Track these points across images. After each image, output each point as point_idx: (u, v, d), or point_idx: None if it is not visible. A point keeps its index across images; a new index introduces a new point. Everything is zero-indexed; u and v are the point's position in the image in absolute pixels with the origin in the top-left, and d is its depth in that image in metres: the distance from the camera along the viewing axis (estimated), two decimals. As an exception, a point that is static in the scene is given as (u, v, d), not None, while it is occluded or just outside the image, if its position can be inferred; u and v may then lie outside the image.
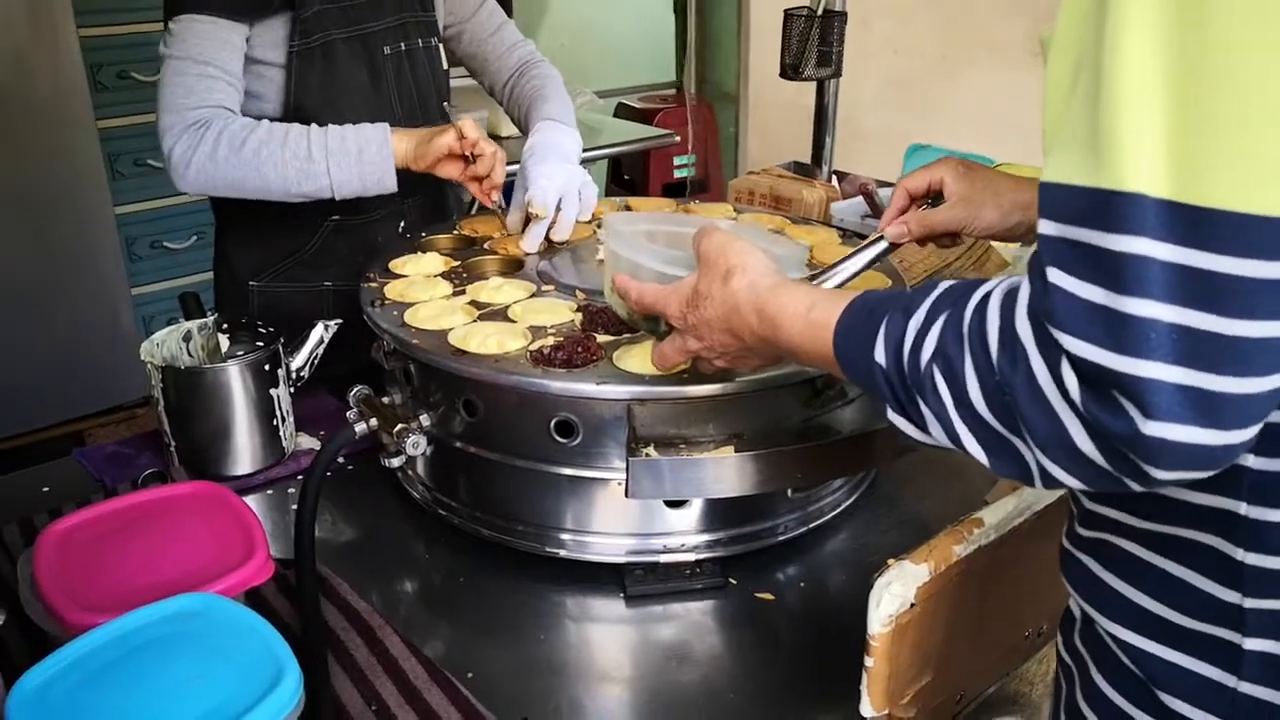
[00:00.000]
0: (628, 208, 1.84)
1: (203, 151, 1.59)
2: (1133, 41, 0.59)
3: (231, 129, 1.60)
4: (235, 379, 1.45)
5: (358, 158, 1.61)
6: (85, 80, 3.32)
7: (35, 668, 0.86)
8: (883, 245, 1.27)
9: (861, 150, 3.60)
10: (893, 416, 0.81)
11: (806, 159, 2.79)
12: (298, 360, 1.56)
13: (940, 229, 1.25)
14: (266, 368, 1.47)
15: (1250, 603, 0.72)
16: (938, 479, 1.50)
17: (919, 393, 0.76)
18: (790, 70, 2.48)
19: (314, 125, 1.63)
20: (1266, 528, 0.71)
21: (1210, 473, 0.64)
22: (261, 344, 1.48)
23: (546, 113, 1.83)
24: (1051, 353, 0.66)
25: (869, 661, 0.97)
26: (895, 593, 0.96)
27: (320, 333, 1.59)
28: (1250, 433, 0.62)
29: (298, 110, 1.72)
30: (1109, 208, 0.60)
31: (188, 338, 1.53)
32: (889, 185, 2.45)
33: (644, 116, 4.50)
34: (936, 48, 4.21)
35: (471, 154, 1.63)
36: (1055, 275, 0.64)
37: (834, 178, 2.65)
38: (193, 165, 1.60)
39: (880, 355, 0.80)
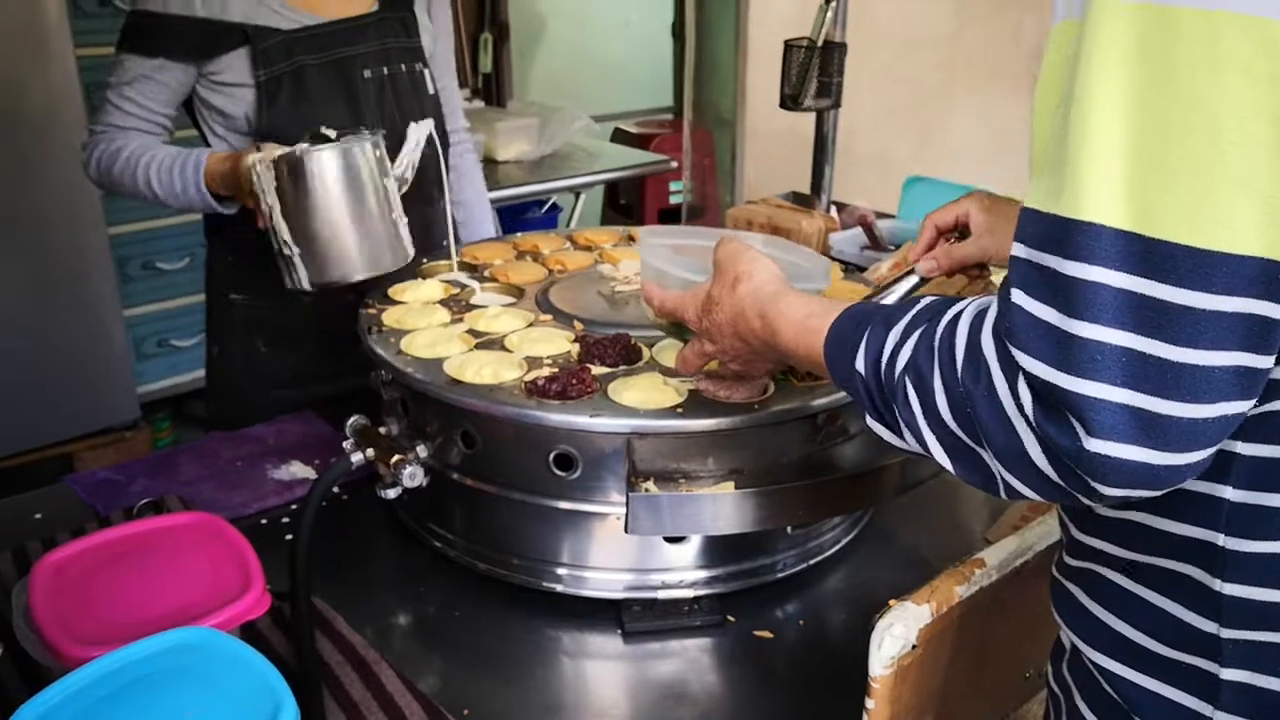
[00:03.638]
0: (630, 238, 1.84)
1: (93, 163, 1.80)
2: (1101, 81, 0.63)
3: (108, 153, 1.77)
4: (354, 158, 1.46)
5: (182, 194, 1.70)
6: (80, 99, 3.28)
7: (31, 702, 0.85)
8: (914, 279, 1.30)
9: (858, 177, 3.61)
10: (870, 422, 0.87)
11: (804, 187, 2.79)
12: (400, 164, 1.58)
13: (968, 261, 1.29)
14: (377, 154, 1.49)
15: (1227, 633, 0.74)
16: (935, 516, 1.50)
17: (893, 401, 0.81)
18: (790, 101, 2.48)
19: (155, 160, 1.72)
20: (1244, 559, 0.72)
21: (1157, 491, 0.67)
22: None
23: None
24: (1010, 369, 0.70)
25: (870, 704, 0.96)
26: (897, 634, 0.95)
27: (416, 134, 1.62)
28: (1196, 457, 0.65)
29: (270, 132, 1.74)
30: (1069, 235, 0.64)
31: None
32: (888, 216, 2.45)
33: (641, 142, 4.51)
34: (935, 76, 4.23)
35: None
36: (1018, 295, 0.68)
37: (833, 208, 2.65)
38: (90, 172, 1.82)
39: (860, 364, 0.85)
